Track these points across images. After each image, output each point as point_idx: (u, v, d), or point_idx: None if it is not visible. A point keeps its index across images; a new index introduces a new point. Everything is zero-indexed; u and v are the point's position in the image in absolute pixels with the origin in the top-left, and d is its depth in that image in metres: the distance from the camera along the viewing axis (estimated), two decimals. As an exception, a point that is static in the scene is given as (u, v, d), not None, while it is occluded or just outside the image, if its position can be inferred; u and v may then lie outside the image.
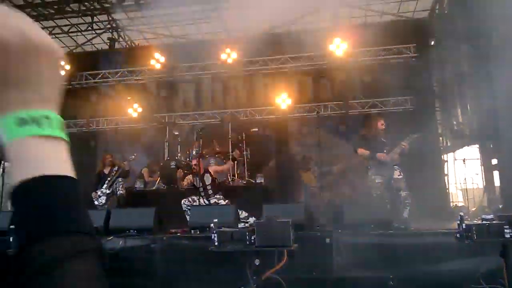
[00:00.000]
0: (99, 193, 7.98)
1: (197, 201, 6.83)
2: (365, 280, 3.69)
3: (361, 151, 6.41)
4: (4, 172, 7.39)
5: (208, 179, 7.19)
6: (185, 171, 8.76)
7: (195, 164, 7.22)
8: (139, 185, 9.54)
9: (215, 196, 7.03)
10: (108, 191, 8.03)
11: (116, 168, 8.25)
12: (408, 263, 4.13)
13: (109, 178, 8.11)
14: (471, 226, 3.25)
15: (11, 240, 3.67)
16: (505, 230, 3.29)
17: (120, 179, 8.24)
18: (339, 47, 9.84)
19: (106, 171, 8.31)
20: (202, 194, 7.05)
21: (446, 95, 10.97)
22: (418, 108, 9.86)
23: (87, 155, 10.45)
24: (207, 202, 7.04)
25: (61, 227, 0.54)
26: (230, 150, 9.46)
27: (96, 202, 7.88)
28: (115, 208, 7.56)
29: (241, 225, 3.61)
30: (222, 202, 6.69)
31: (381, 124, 6.58)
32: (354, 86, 10.34)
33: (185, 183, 7.37)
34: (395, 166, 6.15)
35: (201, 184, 7.06)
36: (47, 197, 0.56)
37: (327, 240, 3.89)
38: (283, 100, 10.49)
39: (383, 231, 4.44)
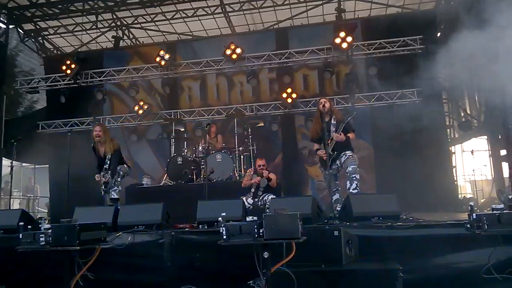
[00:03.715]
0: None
1: (245, 201, 6.91)
2: (374, 273, 3.67)
3: (315, 148, 6.52)
4: (12, 171, 7.46)
5: (264, 181, 7.51)
6: (192, 167, 8.79)
7: (263, 165, 7.56)
8: (146, 181, 9.57)
9: (264, 197, 7.40)
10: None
11: (109, 157, 6.71)
12: (417, 255, 4.10)
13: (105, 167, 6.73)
14: (481, 216, 3.22)
15: (20, 236, 3.68)
16: (516, 220, 3.25)
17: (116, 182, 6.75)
18: (344, 41, 9.75)
19: (101, 153, 6.85)
20: (252, 192, 7.49)
21: (454, 87, 10.87)
22: (425, 100, 9.78)
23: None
24: (251, 202, 7.43)
25: None
26: (236, 145, 9.46)
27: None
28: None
29: (249, 218, 3.60)
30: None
31: (321, 106, 6.36)
32: (360, 79, 10.25)
33: (246, 180, 7.61)
34: (345, 152, 6.18)
35: (256, 185, 7.49)
36: None
37: (335, 233, 3.87)
38: (288, 94, 10.46)
39: (392, 223, 4.41)
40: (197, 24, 12.67)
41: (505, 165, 9.36)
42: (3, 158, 11.43)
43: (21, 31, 12.91)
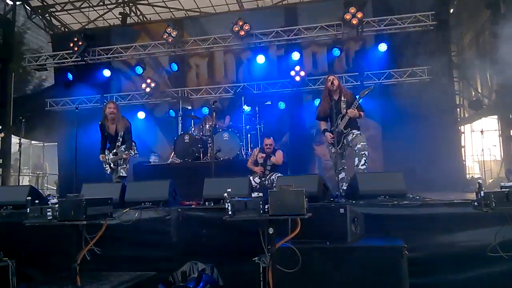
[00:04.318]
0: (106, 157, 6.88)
1: (252, 180, 6.94)
2: (379, 250, 3.67)
3: (323, 128, 6.43)
4: (20, 148, 7.52)
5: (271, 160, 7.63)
6: (199, 145, 8.80)
7: (270, 144, 7.70)
8: (153, 159, 9.62)
9: (271, 176, 7.51)
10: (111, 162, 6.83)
11: (122, 134, 6.79)
12: (423, 233, 4.09)
13: (115, 147, 6.79)
14: (489, 194, 3.17)
15: (28, 211, 3.72)
16: (525, 198, 3.19)
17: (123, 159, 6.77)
18: (355, 17, 9.56)
19: (112, 131, 6.86)
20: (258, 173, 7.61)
21: (465, 65, 10.68)
22: (435, 78, 9.61)
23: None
24: (258, 181, 7.53)
25: None
26: (244, 124, 9.43)
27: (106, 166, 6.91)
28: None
29: (254, 194, 3.59)
30: None
31: (330, 84, 6.21)
32: (370, 56, 10.07)
33: (250, 162, 7.84)
34: (352, 131, 6.11)
35: (262, 162, 7.65)
36: None
37: (341, 210, 3.85)
38: (296, 72, 10.33)
39: (398, 201, 4.39)
40: (205, 0, 12.50)
41: (515, 145, 9.25)
42: (12, 135, 11.52)
43: (28, 7, 12.84)
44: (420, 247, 3.99)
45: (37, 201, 3.91)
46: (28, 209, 3.68)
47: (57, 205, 3.57)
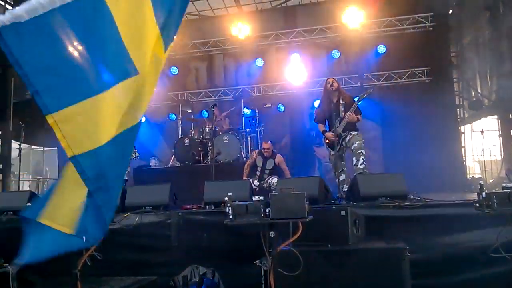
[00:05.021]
0: None
1: (251, 182, 6.92)
2: (381, 252, 3.65)
3: (322, 130, 6.42)
4: (20, 153, 7.50)
5: (270, 164, 7.56)
6: (199, 149, 8.79)
7: (267, 148, 7.61)
8: (154, 163, 9.60)
9: (268, 179, 7.45)
10: None
11: None
12: (425, 235, 4.08)
13: None
14: (491, 195, 3.16)
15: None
16: (527, 199, 3.18)
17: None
18: (354, 18, 9.58)
19: None
20: (258, 174, 7.55)
21: (465, 65, 10.68)
22: (435, 79, 9.60)
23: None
24: (257, 184, 7.47)
25: None
26: (244, 127, 9.43)
27: None
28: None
29: (255, 198, 3.58)
30: (275, 183, 6.87)
31: (329, 86, 6.22)
32: (369, 58, 10.08)
33: (248, 162, 7.82)
34: (350, 132, 6.10)
35: (260, 165, 7.52)
36: None
37: (342, 213, 3.84)
38: (296, 74, 10.33)
39: (399, 203, 4.37)
40: (204, 4, 12.50)
41: (515, 145, 9.23)
42: (12, 140, 11.49)
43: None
44: (421, 248, 3.97)
45: (37, 207, 3.90)
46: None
47: (57, 210, 3.56)
